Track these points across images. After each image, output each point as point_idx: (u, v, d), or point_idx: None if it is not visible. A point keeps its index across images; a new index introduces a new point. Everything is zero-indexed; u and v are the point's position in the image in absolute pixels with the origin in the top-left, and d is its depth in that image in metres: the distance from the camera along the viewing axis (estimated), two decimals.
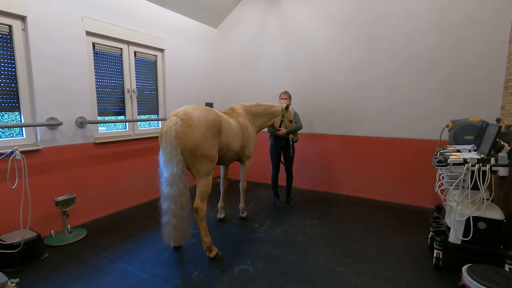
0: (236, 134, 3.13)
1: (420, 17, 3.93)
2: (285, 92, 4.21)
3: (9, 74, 2.91)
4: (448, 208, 2.68)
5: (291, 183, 4.35)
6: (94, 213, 3.66)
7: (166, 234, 2.66)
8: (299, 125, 4.05)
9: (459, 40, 3.74)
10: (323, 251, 2.92)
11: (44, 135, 3.13)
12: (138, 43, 4.11)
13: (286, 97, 4.16)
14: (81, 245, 3.02)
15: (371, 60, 4.32)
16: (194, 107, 2.72)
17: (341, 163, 4.73)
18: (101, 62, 3.74)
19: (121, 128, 4.21)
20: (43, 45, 3.06)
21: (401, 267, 2.61)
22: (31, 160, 2.94)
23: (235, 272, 2.53)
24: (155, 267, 2.62)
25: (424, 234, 3.19)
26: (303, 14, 4.80)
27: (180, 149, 2.51)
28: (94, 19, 3.52)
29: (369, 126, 4.45)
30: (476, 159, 2.25)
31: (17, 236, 2.58)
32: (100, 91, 3.74)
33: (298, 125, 4.02)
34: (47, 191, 3.12)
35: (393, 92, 4.21)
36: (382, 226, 3.51)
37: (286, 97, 4.16)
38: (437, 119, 3.88)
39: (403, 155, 4.21)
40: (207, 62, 5.52)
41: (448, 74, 3.84)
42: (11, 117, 3.20)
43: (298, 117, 4.11)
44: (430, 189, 3.86)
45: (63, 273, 2.52)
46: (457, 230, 2.38)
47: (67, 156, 3.34)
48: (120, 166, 3.96)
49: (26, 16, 2.92)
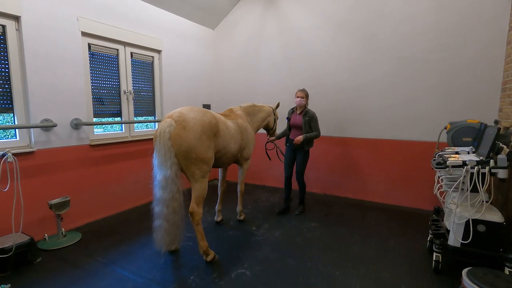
0: (233, 136, 3.08)
1: (418, 18, 3.93)
2: (301, 90, 3.78)
3: (2, 74, 2.86)
4: (447, 210, 2.67)
5: (302, 191, 4.01)
6: (89, 216, 3.60)
7: (158, 238, 2.58)
8: (316, 133, 3.72)
9: (457, 42, 3.74)
10: (322, 254, 2.88)
11: (38, 137, 3.07)
12: (134, 44, 4.07)
13: (303, 95, 3.74)
14: (76, 249, 2.96)
15: (369, 61, 4.32)
16: (190, 108, 2.68)
17: (339, 165, 4.71)
18: (97, 63, 3.69)
19: (117, 129, 4.16)
20: (38, 46, 3.01)
21: (401, 270, 2.59)
22: (24, 162, 2.88)
23: (233, 276, 2.49)
24: (151, 271, 2.57)
25: (423, 237, 3.17)
26: (301, 15, 4.80)
27: (174, 152, 2.47)
28: (90, 20, 3.48)
29: (367, 128, 4.43)
30: (476, 161, 2.23)
31: (9, 240, 2.52)
32: (95, 92, 3.69)
33: (316, 133, 3.71)
34: (41, 194, 3.06)
35: (391, 94, 4.21)
36: (381, 228, 3.49)
37: (303, 95, 3.74)
38: (435, 121, 3.88)
39: (402, 157, 4.20)
40: (205, 63, 5.49)
41: (446, 75, 3.84)
42: (6, 118, 3.15)
43: (315, 121, 3.73)
44: (428, 191, 3.84)
45: (57, 277, 2.46)
46: (457, 232, 2.36)
47: (62, 158, 3.28)
48: (116, 168, 3.91)
49: (20, 16, 2.87)
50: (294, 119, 3.85)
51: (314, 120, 3.73)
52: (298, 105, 3.78)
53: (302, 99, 3.73)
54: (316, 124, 3.75)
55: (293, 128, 3.89)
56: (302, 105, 3.78)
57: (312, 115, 3.73)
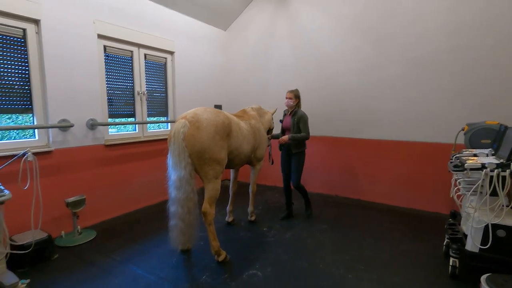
0: (246, 137, 3.09)
1: (431, 17, 3.84)
2: (290, 91, 3.58)
3: (23, 76, 2.96)
4: (464, 214, 2.59)
5: (303, 196, 3.82)
6: (103, 215, 3.68)
7: (174, 238, 2.64)
8: (304, 135, 3.45)
9: (472, 40, 3.63)
10: (334, 257, 2.85)
11: (55, 137, 3.16)
12: (148, 46, 4.14)
13: (291, 96, 3.54)
14: (91, 247, 3.03)
15: (381, 61, 4.25)
16: (203, 109, 2.70)
17: (350, 166, 4.65)
18: (112, 65, 3.78)
19: (131, 130, 4.24)
20: (56, 48, 3.11)
21: (415, 275, 2.53)
22: (43, 161, 2.97)
23: (244, 277, 2.49)
24: (164, 270, 2.60)
25: (437, 241, 3.09)
26: (312, 16, 4.77)
27: (188, 152, 2.49)
28: (106, 22, 3.56)
29: (380, 129, 4.36)
30: (495, 164, 2.16)
31: (28, 237, 2.60)
32: (110, 93, 3.77)
33: (303, 134, 3.45)
34: (58, 192, 3.15)
35: (404, 94, 4.12)
36: (394, 231, 3.42)
37: (291, 96, 3.54)
38: (450, 122, 3.78)
39: (415, 159, 4.11)
40: (216, 64, 5.53)
41: (462, 75, 3.73)
42: (24, 119, 3.25)
43: (304, 122, 3.48)
44: (443, 194, 3.75)
45: (73, 274, 2.53)
46: (475, 237, 2.29)
47: (78, 157, 3.37)
48: (130, 168, 3.98)
49: (39, 20, 2.97)
50: (285, 121, 3.69)
51: (303, 121, 3.47)
52: (287, 105, 3.61)
53: (290, 99, 3.53)
54: (305, 125, 3.47)
55: (285, 130, 3.68)
56: (291, 106, 3.56)
57: (301, 116, 3.49)
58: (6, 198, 2.03)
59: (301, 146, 3.57)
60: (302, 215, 3.91)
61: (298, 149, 3.54)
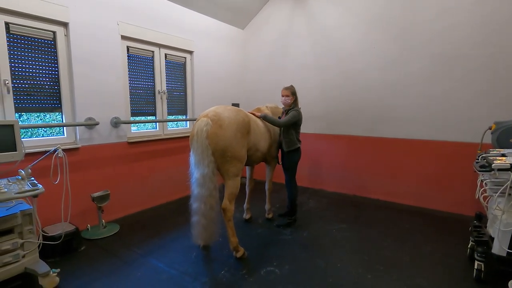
0: (263, 134, 3.13)
1: (456, 11, 3.68)
2: (286, 88, 3.35)
3: (52, 77, 3.12)
4: (491, 216, 2.49)
5: (288, 197, 3.52)
6: (126, 209, 3.82)
7: (196, 234, 2.71)
8: (279, 121, 3.22)
9: (500, 35, 3.45)
10: (352, 256, 2.83)
11: (82, 134, 3.32)
12: (168, 46, 4.24)
13: (287, 93, 3.31)
14: (114, 240, 3.16)
15: (403, 58, 4.13)
16: (224, 107, 2.75)
17: (370, 165, 4.57)
18: (134, 65, 3.90)
19: (152, 128, 4.36)
20: (83, 50, 3.25)
21: (437, 278, 2.46)
22: (70, 157, 3.12)
23: (262, 274, 2.52)
24: (184, 264, 2.68)
25: (461, 243, 2.99)
26: (331, 12, 4.70)
27: (211, 150, 2.54)
28: (129, 24, 3.68)
29: (401, 128, 4.25)
30: None
31: (58, 229, 2.76)
32: (133, 93, 3.90)
33: (279, 120, 3.23)
34: (84, 187, 3.31)
35: (427, 91, 3.99)
36: (415, 233, 3.34)
37: (287, 93, 3.31)
38: (475, 120, 3.63)
39: (437, 158, 3.98)
40: (234, 62, 5.58)
41: (490, 72, 3.57)
42: (52, 117, 3.43)
43: (290, 115, 3.21)
44: (468, 195, 3.61)
45: (99, 265, 2.65)
46: (502, 241, 2.20)
47: (103, 154, 3.52)
48: (151, 164, 4.10)
49: (68, 23, 3.11)
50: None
51: (291, 114, 3.22)
52: (283, 104, 3.39)
53: (287, 97, 3.30)
54: (290, 117, 3.19)
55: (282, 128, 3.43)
56: (288, 104, 3.33)
57: (292, 112, 3.23)
58: (40, 192, 2.15)
59: (292, 145, 3.33)
60: (318, 215, 3.89)
61: (288, 147, 3.33)
